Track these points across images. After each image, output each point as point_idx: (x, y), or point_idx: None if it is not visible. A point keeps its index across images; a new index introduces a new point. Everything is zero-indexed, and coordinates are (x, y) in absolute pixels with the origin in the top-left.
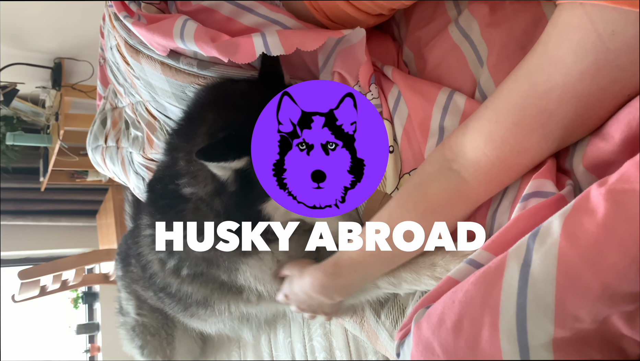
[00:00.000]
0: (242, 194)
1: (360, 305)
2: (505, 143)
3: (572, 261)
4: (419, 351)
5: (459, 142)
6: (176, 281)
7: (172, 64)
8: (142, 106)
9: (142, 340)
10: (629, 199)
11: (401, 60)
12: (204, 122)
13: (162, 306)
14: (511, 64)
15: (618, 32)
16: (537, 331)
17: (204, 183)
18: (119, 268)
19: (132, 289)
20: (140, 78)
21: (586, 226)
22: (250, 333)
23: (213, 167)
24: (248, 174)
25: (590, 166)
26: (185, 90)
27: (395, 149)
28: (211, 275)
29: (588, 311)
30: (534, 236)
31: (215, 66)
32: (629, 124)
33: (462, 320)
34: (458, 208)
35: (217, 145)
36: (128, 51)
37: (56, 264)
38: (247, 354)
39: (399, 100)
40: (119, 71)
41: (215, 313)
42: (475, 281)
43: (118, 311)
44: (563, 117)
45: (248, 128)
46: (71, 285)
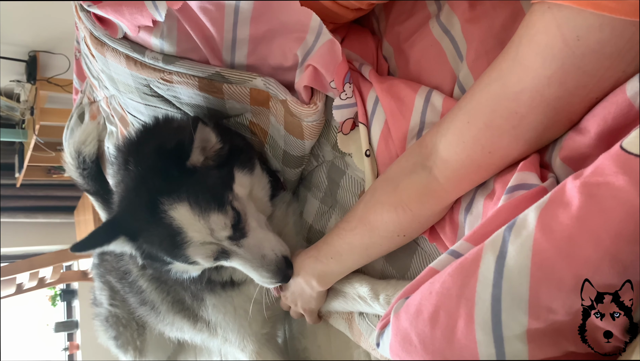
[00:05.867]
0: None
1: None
2: (477, 143)
3: (546, 253)
4: (397, 342)
5: (433, 140)
6: (137, 273)
7: (137, 57)
8: (116, 100)
9: (116, 330)
10: (603, 192)
11: (380, 54)
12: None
13: (127, 298)
14: (489, 59)
15: (582, 37)
16: (511, 322)
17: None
18: (95, 256)
19: (106, 280)
20: (104, 72)
21: (561, 219)
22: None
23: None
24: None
25: (567, 159)
26: (150, 84)
27: (371, 153)
28: (174, 290)
29: (562, 302)
30: (510, 228)
31: (180, 61)
32: (605, 118)
33: (438, 310)
34: (427, 204)
35: (88, 237)
36: (93, 43)
37: (33, 261)
38: (227, 355)
39: (377, 104)
40: (91, 63)
41: (161, 320)
42: (452, 272)
43: (92, 302)
44: (534, 120)
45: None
46: (48, 283)
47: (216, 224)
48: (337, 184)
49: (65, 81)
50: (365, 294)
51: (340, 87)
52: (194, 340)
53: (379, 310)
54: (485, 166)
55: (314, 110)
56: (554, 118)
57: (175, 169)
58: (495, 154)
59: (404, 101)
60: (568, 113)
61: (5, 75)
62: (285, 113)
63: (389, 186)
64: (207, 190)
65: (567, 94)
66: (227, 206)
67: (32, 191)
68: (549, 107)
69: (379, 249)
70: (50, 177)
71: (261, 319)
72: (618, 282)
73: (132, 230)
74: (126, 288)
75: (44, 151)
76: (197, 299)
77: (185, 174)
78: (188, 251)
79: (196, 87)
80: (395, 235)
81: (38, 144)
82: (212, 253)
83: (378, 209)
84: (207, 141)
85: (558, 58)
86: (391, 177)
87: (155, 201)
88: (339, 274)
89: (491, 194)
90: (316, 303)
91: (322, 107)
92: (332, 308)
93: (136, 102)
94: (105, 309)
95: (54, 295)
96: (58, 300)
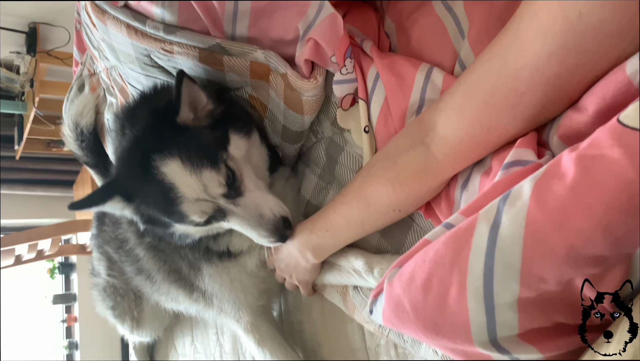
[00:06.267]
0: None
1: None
2: (475, 120)
3: (539, 224)
4: (390, 308)
5: (432, 117)
6: (135, 240)
7: (138, 26)
8: (116, 71)
9: (113, 301)
10: (598, 164)
11: (382, 31)
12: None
13: (123, 267)
14: (491, 37)
15: (584, 14)
16: (503, 290)
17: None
18: (94, 226)
19: (104, 250)
20: (105, 41)
21: (555, 190)
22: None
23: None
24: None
25: (564, 137)
26: (151, 55)
27: (370, 130)
28: (171, 259)
29: (553, 272)
30: (505, 198)
31: (181, 31)
32: (603, 96)
33: (431, 278)
34: (424, 180)
35: (86, 196)
36: (94, 11)
37: (31, 233)
38: (224, 330)
39: (377, 80)
40: (92, 33)
41: (156, 289)
42: (445, 241)
43: (90, 272)
44: (533, 98)
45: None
46: (47, 255)
47: (209, 181)
48: (336, 160)
49: (65, 54)
50: (360, 268)
51: (341, 61)
52: (189, 310)
53: (373, 283)
54: (483, 143)
55: (314, 84)
56: (553, 96)
57: (167, 127)
58: (493, 132)
59: (404, 78)
60: (567, 92)
61: (4, 46)
62: (285, 87)
63: (386, 162)
64: (200, 147)
65: (567, 73)
66: (220, 164)
67: (31, 164)
68: (548, 86)
69: (375, 223)
70: (49, 151)
71: (257, 291)
72: (609, 254)
73: (128, 190)
74: (123, 257)
75: (43, 124)
76: (194, 269)
77: (176, 131)
78: (182, 207)
79: (196, 58)
80: (390, 210)
81: (37, 117)
82: (207, 211)
83: (375, 184)
84: (197, 100)
85: (559, 35)
86: (389, 153)
87: (148, 159)
88: (333, 247)
89: (488, 171)
90: (311, 275)
91: (322, 82)
92: (326, 281)
93: (137, 72)
94: (103, 279)
95: (52, 268)
96: (56, 273)
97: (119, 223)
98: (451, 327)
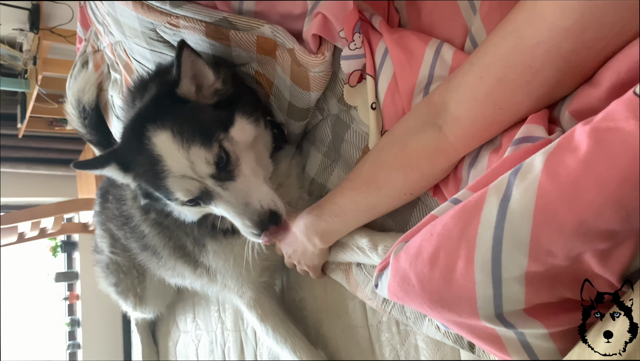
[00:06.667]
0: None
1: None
2: (489, 100)
3: (550, 197)
4: (396, 282)
5: (442, 98)
6: (140, 217)
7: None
8: (120, 47)
9: (116, 277)
10: (612, 137)
11: (392, 6)
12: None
13: (127, 244)
14: (503, 12)
15: None
16: (511, 264)
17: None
18: (98, 203)
19: (107, 227)
20: (110, 15)
21: (567, 163)
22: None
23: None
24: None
25: (576, 112)
26: (157, 29)
27: (377, 107)
28: (175, 235)
29: (562, 246)
30: (516, 172)
31: (187, 4)
32: (618, 71)
33: (438, 251)
34: (436, 162)
35: (90, 159)
36: None
37: (34, 211)
38: (226, 306)
39: (385, 56)
40: (97, 7)
41: (162, 265)
42: (454, 215)
43: (93, 249)
44: (548, 75)
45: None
46: (50, 233)
47: (196, 157)
48: (342, 138)
49: (69, 32)
50: (364, 245)
51: (349, 36)
52: (194, 285)
53: (376, 260)
54: (496, 122)
55: (322, 60)
56: (568, 73)
57: (167, 97)
58: (506, 111)
59: (414, 53)
60: (582, 68)
61: (7, 23)
62: (292, 63)
63: (396, 146)
64: (196, 123)
65: (584, 48)
66: (213, 143)
67: (34, 143)
68: (564, 62)
69: (385, 207)
70: (52, 130)
71: (260, 267)
72: (620, 228)
73: (125, 159)
74: (128, 234)
75: (46, 102)
76: (199, 245)
77: (176, 103)
78: (167, 182)
79: (203, 32)
80: (402, 194)
81: (40, 95)
82: (193, 190)
83: (385, 170)
84: (202, 75)
85: (577, 9)
86: (398, 137)
87: (143, 128)
88: (342, 232)
89: (497, 148)
90: (319, 260)
91: (329, 57)
92: (330, 258)
93: (142, 47)
94: (106, 256)
95: (54, 246)
96: (59, 251)
97: (123, 199)
98: (457, 300)
